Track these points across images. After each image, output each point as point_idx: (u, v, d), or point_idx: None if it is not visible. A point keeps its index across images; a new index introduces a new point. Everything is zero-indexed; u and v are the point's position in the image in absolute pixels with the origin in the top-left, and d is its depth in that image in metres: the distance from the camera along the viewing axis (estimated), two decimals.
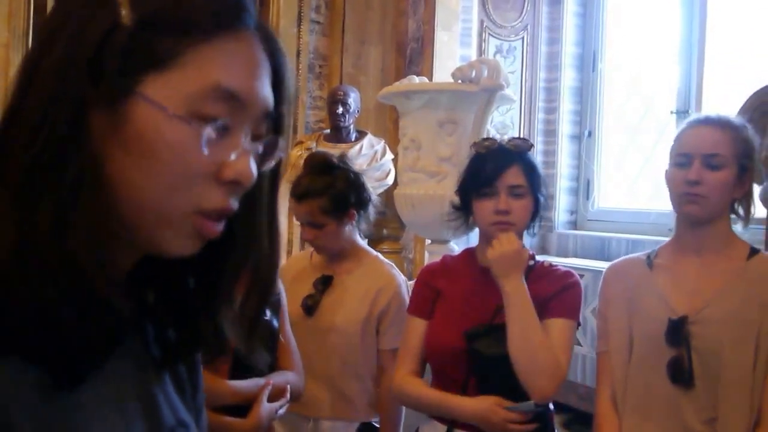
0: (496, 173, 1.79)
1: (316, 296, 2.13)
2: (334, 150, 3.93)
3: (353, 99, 3.98)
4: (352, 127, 4.07)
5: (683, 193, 1.67)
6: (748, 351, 1.60)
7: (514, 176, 1.80)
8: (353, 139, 4.07)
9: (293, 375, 1.90)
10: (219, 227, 0.63)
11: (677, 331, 1.65)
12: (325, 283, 2.15)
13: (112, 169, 0.60)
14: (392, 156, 3.95)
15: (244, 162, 0.62)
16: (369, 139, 4.06)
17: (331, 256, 2.17)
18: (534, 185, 1.83)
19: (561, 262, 3.36)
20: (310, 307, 2.12)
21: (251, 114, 0.63)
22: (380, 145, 4.07)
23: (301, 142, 4.13)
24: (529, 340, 1.70)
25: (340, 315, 2.12)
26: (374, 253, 2.26)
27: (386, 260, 2.22)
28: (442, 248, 2.77)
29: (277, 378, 1.82)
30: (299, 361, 1.95)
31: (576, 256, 3.66)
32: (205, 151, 0.60)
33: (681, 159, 1.69)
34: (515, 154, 1.83)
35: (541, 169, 1.91)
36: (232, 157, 0.62)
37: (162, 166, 0.60)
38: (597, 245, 3.54)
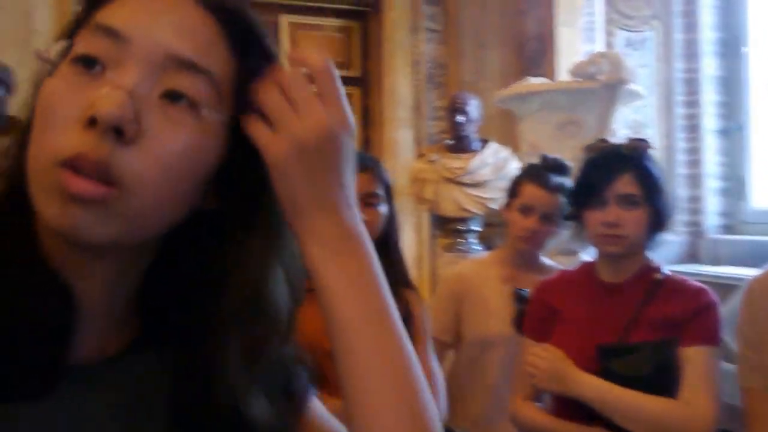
0: (606, 181, 1.66)
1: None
2: (457, 161, 3.84)
3: (473, 106, 3.84)
4: (474, 135, 3.93)
5: None
6: None
7: (625, 184, 1.66)
8: (477, 148, 3.94)
9: None
10: (85, 184, 0.51)
11: None
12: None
13: None
14: (519, 164, 3.78)
15: (105, 94, 0.51)
16: (493, 147, 3.91)
17: None
18: (651, 194, 1.67)
19: (715, 271, 3.06)
20: None
21: (137, 52, 0.54)
22: (505, 153, 3.91)
23: (423, 154, 4.08)
24: (647, 412, 1.55)
25: None
26: None
27: None
28: (569, 260, 2.59)
29: None
30: None
31: (731, 264, 3.30)
32: (68, 92, 0.53)
33: None
34: (629, 158, 1.68)
35: (661, 173, 1.73)
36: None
37: (36, 121, 0.54)
38: (755, 251, 3.16)
